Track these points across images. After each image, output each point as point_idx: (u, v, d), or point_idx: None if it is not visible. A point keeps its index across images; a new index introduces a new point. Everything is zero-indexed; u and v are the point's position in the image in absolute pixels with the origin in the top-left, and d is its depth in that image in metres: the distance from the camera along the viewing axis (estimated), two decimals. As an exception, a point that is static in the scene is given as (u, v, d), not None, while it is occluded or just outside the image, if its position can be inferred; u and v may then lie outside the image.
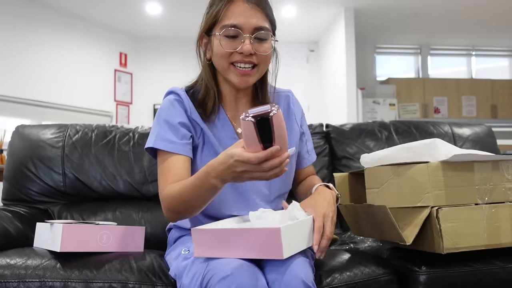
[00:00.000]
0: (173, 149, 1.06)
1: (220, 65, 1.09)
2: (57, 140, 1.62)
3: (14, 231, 1.31)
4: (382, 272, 1.11)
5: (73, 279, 1.04)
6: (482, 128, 1.92)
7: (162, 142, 1.07)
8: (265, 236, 0.85)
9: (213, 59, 1.11)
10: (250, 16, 1.05)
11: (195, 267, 0.93)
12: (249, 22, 1.04)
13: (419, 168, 1.04)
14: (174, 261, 1.08)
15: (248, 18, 1.04)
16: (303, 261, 0.91)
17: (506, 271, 1.11)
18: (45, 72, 5.24)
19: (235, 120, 1.16)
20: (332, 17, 5.88)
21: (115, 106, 6.13)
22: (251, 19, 1.05)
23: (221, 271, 0.84)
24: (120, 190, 1.61)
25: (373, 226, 1.17)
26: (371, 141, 1.82)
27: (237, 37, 1.05)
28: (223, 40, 1.05)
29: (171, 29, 6.12)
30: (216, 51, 1.08)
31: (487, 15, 5.91)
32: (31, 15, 5.11)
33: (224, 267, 0.85)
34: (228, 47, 1.05)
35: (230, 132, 1.14)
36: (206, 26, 1.10)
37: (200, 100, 1.12)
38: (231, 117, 1.16)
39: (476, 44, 7.30)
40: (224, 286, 0.81)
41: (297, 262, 0.90)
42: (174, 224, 1.25)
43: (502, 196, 1.09)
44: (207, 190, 0.94)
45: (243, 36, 1.05)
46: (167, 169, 1.05)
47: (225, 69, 1.09)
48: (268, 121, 0.80)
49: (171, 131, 1.08)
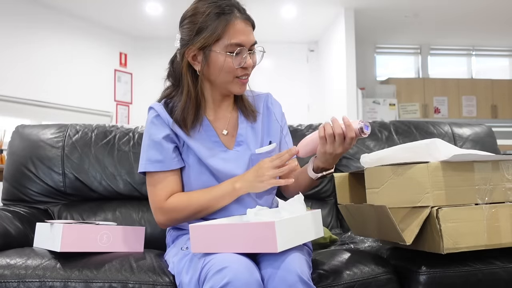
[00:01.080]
0: (162, 167, 1.15)
1: (223, 79, 1.15)
2: (57, 140, 1.62)
3: (14, 231, 1.31)
4: (382, 271, 1.11)
5: (73, 279, 1.04)
6: (482, 128, 1.92)
7: (151, 165, 1.15)
8: (260, 230, 0.88)
9: (211, 73, 1.15)
10: (248, 34, 1.14)
11: (194, 264, 0.96)
12: (249, 39, 1.14)
13: (419, 168, 1.04)
14: (173, 258, 1.10)
15: (248, 36, 1.13)
16: (299, 256, 0.93)
17: (506, 271, 1.11)
18: (45, 72, 5.24)
19: (216, 122, 1.22)
20: (332, 17, 5.87)
21: (115, 106, 6.13)
22: (250, 36, 1.14)
23: (217, 265, 0.87)
24: (120, 190, 1.61)
25: (373, 226, 1.17)
26: (371, 141, 1.82)
27: (240, 53, 1.13)
28: (229, 58, 1.12)
29: (171, 29, 6.08)
30: (220, 66, 1.13)
31: (487, 15, 5.91)
32: (31, 15, 5.11)
33: (219, 261, 0.88)
34: (236, 64, 1.13)
35: (212, 136, 1.20)
36: (203, 42, 1.12)
37: (179, 113, 1.16)
38: (212, 121, 1.22)
39: (476, 44, 7.30)
40: (219, 278, 0.85)
41: (292, 257, 0.91)
42: None
43: (502, 196, 1.09)
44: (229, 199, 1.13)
45: (246, 52, 1.13)
46: (160, 187, 1.15)
47: (228, 82, 1.16)
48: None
49: (157, 150, 1.15)
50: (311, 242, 1.23)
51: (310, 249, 1.18)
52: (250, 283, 0.85)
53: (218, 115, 1.22)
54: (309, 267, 0.97)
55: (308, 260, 1.01)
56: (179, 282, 1.01)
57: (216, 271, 0.86)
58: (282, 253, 0.91)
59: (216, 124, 1.21)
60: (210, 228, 0.94)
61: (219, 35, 1.11)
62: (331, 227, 1.73)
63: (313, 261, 1.11)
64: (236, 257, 0.89)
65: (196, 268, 0.93)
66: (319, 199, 1.76)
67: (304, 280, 0.89)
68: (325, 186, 1.76)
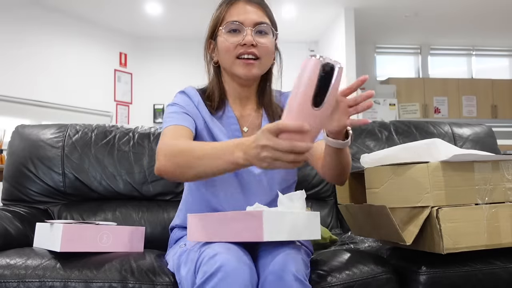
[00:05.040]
0: (178, 121, 1.12)
1: (226, 60, 1.16)
2: (57, 140, 1.62)
3: (14, 231, 1.31)
4: (381, 271, 1.10)
5: (73, 279, 1.04)
6: (482, 128, 1.92)
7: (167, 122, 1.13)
8: (249, 219, 0.90)
9: (219, 58, 1.18)
10: (250, 13, 1.14)
11: (191, 256, 0.97)
12: (250, 17, 1.13)
13: (419, 168, 1.04)
14: (173, 256, 1.11)
15: (247, 14, 1.14)
16: (295, 255, 0.93)
17: (506, 271, 1.11)
18: (45, 72, 5.25)
19: (242, 119, 1.22)
20: (332, 17, 5.88)
21: (115, 106, 6.13)
22: (251, 15, 1.14)
23: (210, 253, 0.89)
24: (120, 190, 1.61)
25: (373, 226, 1.17)
26: (371, 141, 1.82)
27: (240, 32, 1.13)
28: (226, 35, 1.14)
29: (171, 29, 6.12)
30: (221, 47, 1.16)
31: (487, 15, 5.91)
32: (32, 16, 5.12)
33: (212, 250, 0.90)
34: (232, 40, 1.13)
35: (235, 131, 1.20)
36: (211, 30, 1.19)
37: (208, 95, 1.21)
38: (238, 116, 1.22)
39: (476, 44, 7.30)
40: (211, 264, 0.86)
41: (288, 256, 0.92)
42: (177, 224, 1.26)
43: (502, 196, 1.09)
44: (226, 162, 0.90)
45: (245, 29, 1.13)
46: (172, 133, 1.09)
47: (231, 64, 1.15)
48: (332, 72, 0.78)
49: (175, 112, 1.15)
50: (311, 243, 1.23)
51: (310, 250, 1.17)
52: (240, 268, 0.86)
53: (242, 113, 1.23)
54: (306, 267, 0.97)
55: (306, 260, 1.00)
56: (178, 278, 1.01)
57: (209, 258, 0.88)
58: (278, 252, 0.92)
59: (241, 120, 1.22)
60: (204, 216, 0.99)
61: (221, 18, 1.15)
62: (331, 227, 1.72)
63: (313, 261, 1.10)
64: (229, 246, 0.91)
65: (193, 259, 0.94)
66: (319, 199, 1.76)
67: (300, 279, 0.89)
68: (325, 186, 1.76)
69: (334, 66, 0.78)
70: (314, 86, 0.77)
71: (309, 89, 0.77)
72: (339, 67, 0.78)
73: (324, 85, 0.78)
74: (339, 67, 0.78)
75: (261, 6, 1.17)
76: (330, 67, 0.78)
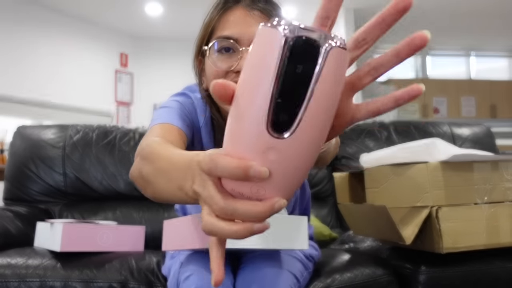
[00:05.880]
0: (169, 119, 0.83)
1: None
2: (58, 140, 1.62)
3: (15, 231, 1.32)
4: (382, 273, 1.11)
5: (73, 279, 1.04)
6: (481, 128, 1.93)
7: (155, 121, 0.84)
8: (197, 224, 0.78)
9: (208, 84, 0.87)
10: (248, 24, 0.81)
11: (174, 267, 0.92)
12: (249, 32, 0.80)
13: (418, 168, 1.05)
14: (166, 259, 1.09)
15: (248, 28, 0.80)
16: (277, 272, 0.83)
17: (506, 271, 1.12)
18: (45, 73, 5.25)
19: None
20: (332, 18, 5.87)
21: (116, 106, 6.13)
22: (249, 28, 0.81)
23: (187, 271, 0.83)
24: (121, 190, 1.61)
25: (373, 226, 1.18)
26: (371, 141, 1.83)
27: (234, 52, 0.81)
28: (216, 56, 0.82)
29: (172, 29, 6.12)
30: (208, 72, 0.85)
31: (487, 16, 5.92)
32: (32, 16, 5.12)
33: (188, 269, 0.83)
34: (220, 65, 0.81)
35: None
36: (199, 44, 0.87)
37: None
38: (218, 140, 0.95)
39: (476, 45, 7.30)
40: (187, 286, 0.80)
41: (272, 274, 0.82)
42: None
43: (501, 196, 1.09)
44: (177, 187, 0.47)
45: (240, 50, 0.80)
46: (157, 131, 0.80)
47: None
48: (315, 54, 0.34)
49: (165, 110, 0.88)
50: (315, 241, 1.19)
51: (309, 256, 1.06)
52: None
53: None
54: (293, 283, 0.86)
55: (295, 272, 0.90)
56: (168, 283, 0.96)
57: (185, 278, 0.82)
58: (258, 269, 0.83)
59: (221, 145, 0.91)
60: (177, 222, 0.88)
61: (211, 29, 0.84)
62: (331, 227, 1.73)
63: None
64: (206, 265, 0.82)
65: (175, 271, 0.89)
66: (319, 199, 1.77)
67: None
68: (325, 186, 1.76)
69: (317, 42, 0.34)
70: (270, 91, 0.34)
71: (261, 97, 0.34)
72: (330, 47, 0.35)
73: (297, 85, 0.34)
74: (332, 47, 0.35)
75: (266, 13, 0.84)
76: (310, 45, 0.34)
